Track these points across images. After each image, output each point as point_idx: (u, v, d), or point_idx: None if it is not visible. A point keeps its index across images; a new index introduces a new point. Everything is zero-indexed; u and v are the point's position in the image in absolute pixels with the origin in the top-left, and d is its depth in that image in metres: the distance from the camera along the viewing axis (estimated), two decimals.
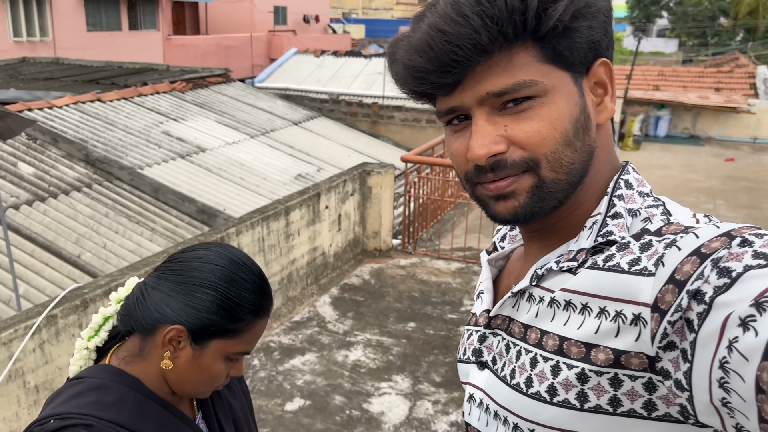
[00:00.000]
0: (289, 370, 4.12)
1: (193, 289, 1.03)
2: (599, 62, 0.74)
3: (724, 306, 0.56)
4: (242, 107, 10.63)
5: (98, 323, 1.14)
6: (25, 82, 10.25)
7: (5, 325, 2.69)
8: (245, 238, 4.26)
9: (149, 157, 7.74)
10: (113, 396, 1.02)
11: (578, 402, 0.70)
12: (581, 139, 0.73)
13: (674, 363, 0.62)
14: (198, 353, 1.04)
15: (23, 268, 5.24)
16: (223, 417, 1.21)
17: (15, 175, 6.49)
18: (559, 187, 0.73)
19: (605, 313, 0.68)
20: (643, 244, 0.68)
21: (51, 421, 0.97)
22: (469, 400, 0.87)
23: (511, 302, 0.81)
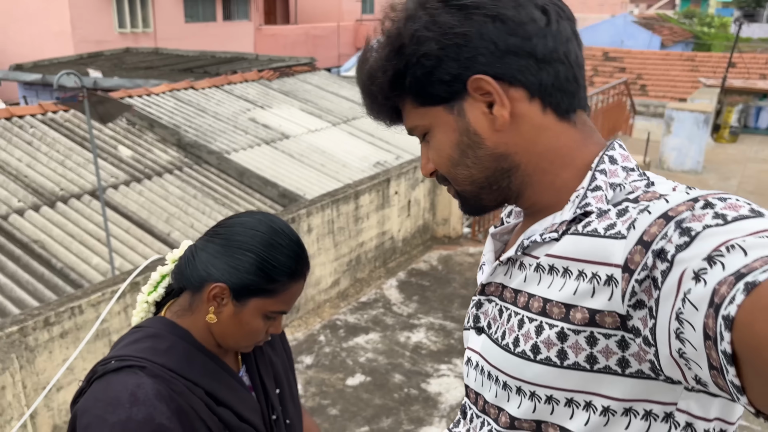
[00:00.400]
0: (352, 348, 4.30)
1: (235, 252, 1.13)
2: (471, 81, 0.79)
3: (682, 262, 0.60)
4: (326, 95, 10.91)
5: (156, 280, 1.28)
6: (128, 71, 10.97)
7: (94, 288, 3.01)
8: (315, 220, 4.47)
9: (236, 143, 8.13)
10: (166, 344, 1.14)
11: (558, 359, 0.75)
12: (470, 156, 0.84)
13: (643, 321, 0.66)
14: (238, 309, 1.14)
15: (119, 243, 5.69)
16: (265, 372, 1.30)
17: (115, 157, 7.02)
18: (472, 194, 0.88)
19: (583, 275, 0.73)
20: (620, 210, 0.73)
21: (112, 362, 1.10)
22: (467, 363, 0.93)
23: (502, 270, 0.88)
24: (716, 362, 0.55)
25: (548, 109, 0.81)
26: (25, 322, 2.77)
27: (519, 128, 0.82)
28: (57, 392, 2.95)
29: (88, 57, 12.70)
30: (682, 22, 29.78)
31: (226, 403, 1.17)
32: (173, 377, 1.11)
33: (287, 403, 1.33)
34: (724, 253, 0.56)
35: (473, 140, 0.83)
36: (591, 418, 0.76)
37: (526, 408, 0.80)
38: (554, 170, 0.83)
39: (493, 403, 0.86)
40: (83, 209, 5.80)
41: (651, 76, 17.67)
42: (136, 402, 1.04)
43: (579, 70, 0.83)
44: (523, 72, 0.79)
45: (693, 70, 17.36)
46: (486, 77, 0.79)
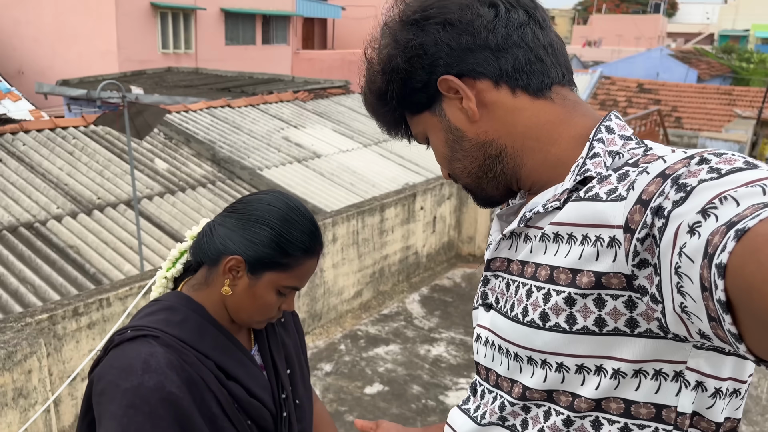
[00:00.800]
0: (372, 358, 4.33)
1: (252, 225, 1.16)
2: (440, 83, 0.87)
3: (678, 217, 0.60)
4: (358, 117, 11.07)
5: (175, 256, 1.31)
6: (168, 89, 11.32)
7: (123, 282, 3.11)
8: (340, 230, 4.54)
9: (269, 160, 8.29)
10: (179, 316, 1.17)
11: (567, 325, 0.76)
12: (459, 149, 0.91)
13: (649, 279, 0.67)
14: (253, 282, 1.16)
15: (150, 251, 5.83)
16: (276, 352, 1.31)
17: (151, 170, 7.23)
18: (475, 186, 0.95)
19: (587, 239, 0.74)
20: (621, 174, 0.74)
21: (128, 332, 1.14)
22: (477, 340, 0.94)
23: (507, 245, 0.90)
24: (714, 312, 0.55)
25: (518, 91, 0.86)
26: (54, 311, 2.88)
27: (494, 114, 0.87)
28: (81, 382, 3.04)
29: (131, 75, 13.15)
30: (720, 56, 29.49)
31: (235, 377, 1.19)
32: (185, 348, 1.14)
33: (297, 384, 1.35)
34: (717, 205, 0.57)
35: (456, 135, 0.90)
36: (602, 382, 0.76)
37: (538, 377, 0.81)
38: (542, 147, 0.86)
39: (506, 376, 0.87)
40: (118, 218, 5.97)
41: (686, 108, 17.50)
42: (148, 369, 1.08)
43: (543, 50, 0.86)
44: (482, 64, 0.85)
45: (730, 103, 17.16)
46: (449, 77, 0.86)
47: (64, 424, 3.05)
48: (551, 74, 0.87)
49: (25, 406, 2.64)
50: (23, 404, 2.63)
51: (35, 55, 15.88)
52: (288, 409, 1.30)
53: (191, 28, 17.38)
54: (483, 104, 0.87)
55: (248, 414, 1.20)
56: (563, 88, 0.88)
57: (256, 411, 1.21)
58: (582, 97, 0.92)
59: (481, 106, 0.87)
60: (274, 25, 19.75)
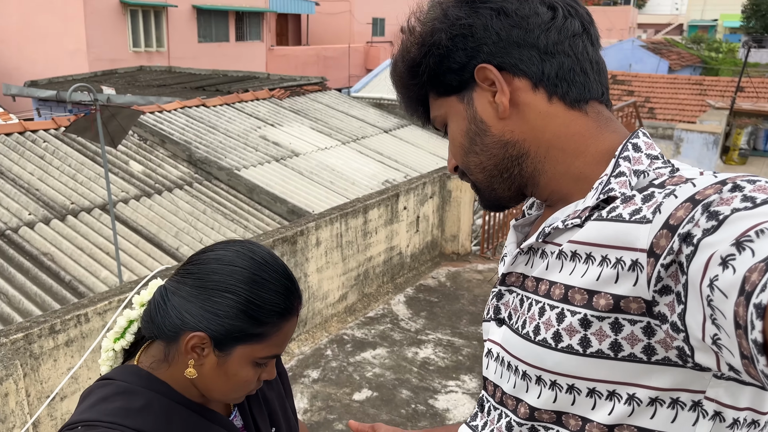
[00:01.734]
0: (359, 362, 4.26)
1: (212, 294, 0.98)
2: (477, 70, 0.84)
3: (708, 247, 0.58)
4: (336, 114, 10.99)
5: (123, 326, 1.12)
6: (141, 89, 11.10)
7: (101, 297, 3.00)
8: (324, 233, 4.46)
9: (246, 160, 8.17)
10: (140, 402, 0.99)
11: (581, 347, 0.73)
12: (479, 143, 0.88)
13: (670, 306, 0.65)
14: (223, 360, 0.99)
15: (128, 256, 5.70)
16: (258, 412, 1.17)
17: (126, 172, 7.07)
18: (485, 184, 0.91)
19: (607, 260, 0.72)
20: (646, 195, 0.72)
21: (78, 428, 0.96)
22: (487, 355, 0.92)
23: (523, 260, 0.87)
24: (747, 351, 0.53)
25: (555, 98, 0.84)
26: (30, 329, 2.76)
27: (525, 116, 0.84)
28: (60, 401, 2.93)
29: (102, 75, 12.87)
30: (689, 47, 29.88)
31: None
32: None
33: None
34: (753, 237, 0.54)
35: (480, 128, 0.87)
36: (615, 407, 0.74)
37: (546, 398, 0.79)
38: (566, 158, 0.84)
39: (511, 394, 0.84)
40: (93, 223, 5.82)
41: (659, 99, 17.70)
42: None
43: (589, 64, 0.85)
44: (526, 62, 0.83)
45: (701, 93, 17.38)
46: (489, 66, 0.83)
47: None
48: (592, 89, 0.86)
49: (2, 431, 2.52)
50: (0, 429, 2.51)
51: (1, 55, 15.46)
52: None
53: (162, 26, 17.08)
54: (515, 103, 0.84)
55: None
56: (599, 105, 0.87)
57: None
58: None
59: (514, 104, 0.84)
60: (248, 21, 19.50)
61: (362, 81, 15.22)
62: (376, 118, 11.51)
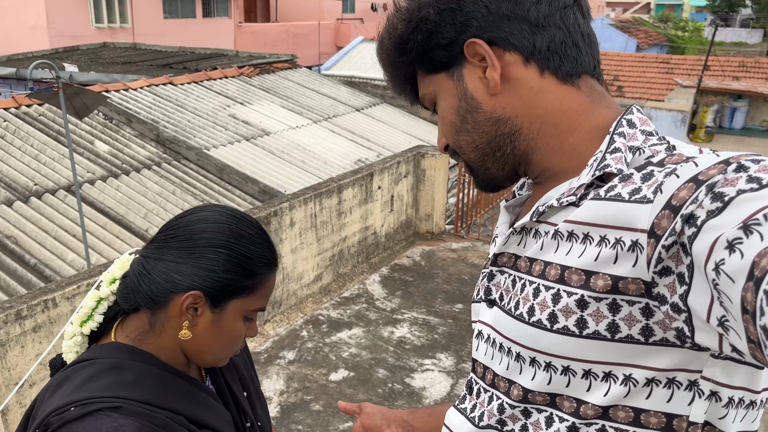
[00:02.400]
0: (335, 343, 4.25)
1: (204, 251, 0.98)
2: (467, 45, 0.82)
3: (713, 229, 0.57)
4: (307, 93, 10.85)
5: (91, 307, 1.07)
6: (105, 66, 10.79)
7: (69, 281, 2.91)
8: (298, 213, 4.40)
9: (216, 139, 8.03)
10: (132, 374, 0.97)
11: (577, 328, 0.72)
12: (470, 121, 0.85)
13: (670, 287, 0.64)
14: (218, 317, 1.00)
15: (96, 239, 5.57)
16: (230, 377, 1.18)
17: (92, 152, 6.88)
18: (477, 163, 0.89)
19: (605, 241, 0.70)
20: (645, 174, 0.70)
21: (71, 409, 0.89)
22: (477, 336, 0.90)
23: (516, 240, 0.85)
24: (753, 336, 0.52)
25: (547, 73, 0.82)
26: None
27: (516, 91, 0.82)
28: (30, 388, 2.85)
29: (63, 51, 12.46)
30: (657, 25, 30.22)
31: (207, 425, 1.04)
32: (153, 410, 0.95)
33: (255, 405, 1.24)
34: (761, 221, 0.53)
35: (471, 105, 0.85)
36: (611, 388, 0.73)
37: (540, 380, 0.78)
38: (559, 134, 0.82)
39: (504, 376, 0.83)
40: (58, 204, 5.66)
41: (628, 77, 17.87)
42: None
43: (581, 37, 0.83)
44: (516, 36, 0.81)
45: (668, 72, 17.59)
46: (479, 41, 0.80)
47: None
48: (584, 62, 0.83)
49: None
50: None
51: None
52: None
53: (126, 1, 16.57)
54: (507, 78, 0.82)
55: None
56: (591, 79, 0.85)
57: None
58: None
59: (505, 80, 0.82)
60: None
61: (333, 58, 15.03)
62: (347, 97, 11.40)
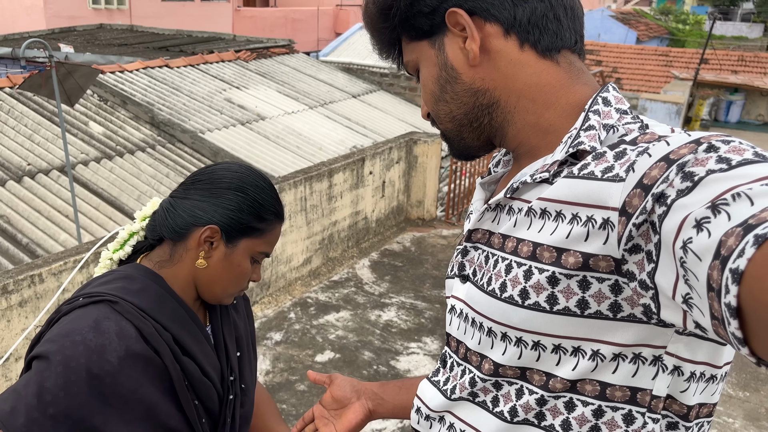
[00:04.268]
0: (323, 325, 4.29)
1: (224, 192, 1.13)
2: (448, 14, 0.82)
3: (682, 208, 0.58)
4: (303, 78, 10.82)
5: (124, 238, 1.23)
6: (101, 47, 10.76)
7: (56, 257, 2.94)
8: (288, 196, 4.43)
9: (210, 123, 8.02)
10: (137, 285, 1.10)
11: (548, 305, 0.74)
12: (449, 91, 0.86)
13: (639, 265, 0.65)
14: (230, 251, 1.13)
15: (88, 219, 5.59)
16: (228, 333, 1.26)
17: (86, 134, 6.88)
18: (453, 133, 0.90)
19: (577, 218, 0.72)
20: (618, 152, 0.71)
21: (80, 299, 1.06)
22: (451, 311, 0.92)
23: (490, 216, 0.87)
24: (718, 313, 0.53)
25: (526, 46, 0.82)
26: None
27: (495, 63, 0.83)
28: (15, 362, 2.89)
29: (60, 32, 12.41)
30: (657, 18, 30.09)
31: (191, 353, 1.13)
32: (144, 317, 1.07)
33: (245, 368, 1.30)
34: (729, 201, 0.54)
35: (450, 75, 0.85)
36: (579, 363, 0.75)
37: (511, 354, 0.80)
38: (536, 109, 0.83)
39: (476, 350, 0.85)
40: (51, 185, 5.68)
41: (626, 69, 17.84)
42: (96, 328, 1.01)
43: (563, 10, 0.83)
44: (497, 7, 0.81)
45: (667, 65, 17.56)
46: (459, 10, 0.81)
47: None
48: (564, 37, 0.83)
49: None
50: None
51: None
52: (234, 391, 1.25)
53: None
54: (486, 50, 0.83)
55: (197, 393, 1.14)
56: (572, 54, 0.85)
57: (206, 390, 1.15)
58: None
59: (484, 51, 0.83)
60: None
61: (331, 45, 14.97)
62: (344, 83, 11.38)
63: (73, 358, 0.98)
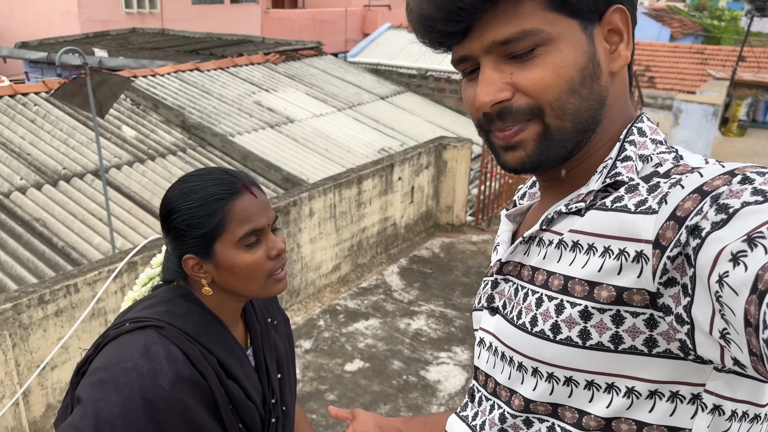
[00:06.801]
0: (352, 333, 4.27)
1: (170, 222, 1.12)
2: (612, 9, 0.74)
3: (717, 241, 0.56)
4: (331, 80, 10.84)
5: (143, 281, 1.29)
6: (133, 51, 10.91)
7: (91, 267, 2.97)
8: (317, 204, 4.42)
9: (240, 126, 8.08)
10: (182, 309, 1.12)
11: (580, 339, 0.71)
12: (588, 87, 0.73)
13: (675, 298, 0.63)
14: (216, 262, 1.11)
15: (121, 223, 5.67)
16: (269, 355, 1.27)
17: (119, 138, 6.98)
18: (564, 135, 0.75)
19: (609, 251, 0.69)
20: (652, 186, 0.69)
21: (126, 324, 1.08)
22: (479, 344, 0.89)
23: (522, 249, 0.84)
24: (756, 349, 0.52)
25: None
26: (19, 299, 2.74)
27: (616, 79, 0.78)
28: (51, 371, 2.93)
29: (93, 36, 12.64)
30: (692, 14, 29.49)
31: (235, 376, 1.14)
32: (190, 341, 1.08)
33: (285, 390, 1.30)
34: (765, 234, 0.52)
35: (596, 72, 0.74)
36: (614, 400, 0.72)
37: (542, 390, 0.77)
38: (602, 135, 0.78)
39: (505, 385, 0.82)
40: (85, 188, 5.77)
41: (659, 68, 17.49)
42: (146, 354, 1.02)
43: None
44: (632, 12, 0.76)
45: (702, 63, 17.18)
46: (626, 9, 0.75)
47: (34, 415, 2.94)
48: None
49: None
50: None
51: None
52: (276, 414, 1.25)
53: None
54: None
55: (241, 416, 1.15)
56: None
57: (250, 413, 1.16)
58: None
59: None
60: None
61: (359, 46, 14.97)
62: (372, 85, 11.37)
63: (127, 386, 0.99)
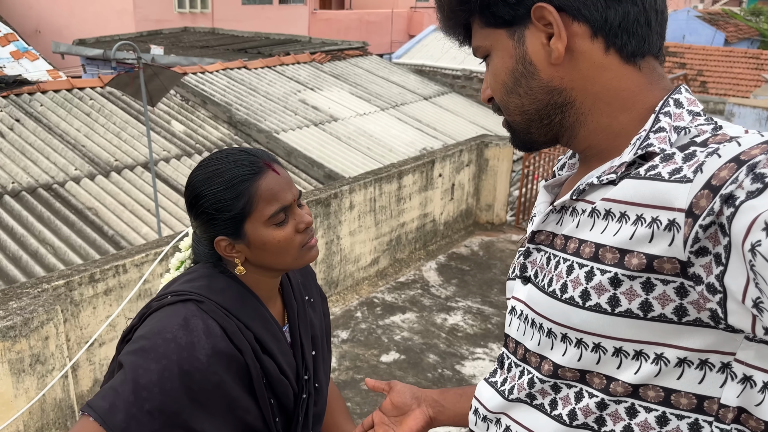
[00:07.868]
0: (388, 326, 4.32)
1: (197, 209, 1.14)
2: (535, 8, 0.78)
3: (751, 209, 0.56)
4: (376, 80, 10.92)
5: (176, 265, 1.32)
6: (184, 50, 11.21)
7: (139, 249, 3.09)
8: (357, 197, 4.48)
9: (285, 123, 8.22)
10: (221, 284, 1.15)
11: (609, 306, 0.72)
12: (524, 85, 0.83)
13: (706, 268, 0.63)
14: (247, 242, 1.13)
15: (168, 214, 5.84)
16: (304, 332, 1.29)
17: (168, 132, 7.19)
18: (522, 126, 0.87)
19: (642, 219, 0.70)
20: (687, 154, 0.69)
21: (168, 297, 1.12)
22: (511, 312, 0.91)
23: (555, 218, 0.86)
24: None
25: (612, 50, 0.79)
26: (71, 277, 2.88)
27: (577, 64, 0.80)
28: (99, 347, 3.06)
29: (147, 35, 13.03)
30: (748, 19, 28.57)
31: (270, 352, 1.16)
32: (228, 316, 1.11)
33: (319, 368, 1.32)
34: None
35: (528, 70, 0.82)
36: (642, 367, 0.73)
37: (571, 356, 0.78)
38: (611, 112, 0.81)
39: (535, 351, 0.84)
40: (135, 180, 5.97)
41: (712, 72, 17.04)
42: (185, 327, 1.06)
43: (654, 15, 0.79)
44: (589, 7, 0.77)
45: (757, 68, 16.65)
46: (549, 6, 0.77)
47: (82, 389, 3.07)
48: (652, 42, 0.80)
49: (42, 372, 2.65)
50: (41, 370, 2.64)
51: (52, 13, 15.75)
52: (308, 390, 1.27)
53: None
54: (570, 50, 0.79)
55: (274, 391, 1.18)
56: (655, 60, 0.82)
57: (283, 388, 1.19)
58: None
59: (567, 51, 0.79)
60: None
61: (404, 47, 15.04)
62: (416, 85, 11.40)
63: (166, 356, 1.04)
